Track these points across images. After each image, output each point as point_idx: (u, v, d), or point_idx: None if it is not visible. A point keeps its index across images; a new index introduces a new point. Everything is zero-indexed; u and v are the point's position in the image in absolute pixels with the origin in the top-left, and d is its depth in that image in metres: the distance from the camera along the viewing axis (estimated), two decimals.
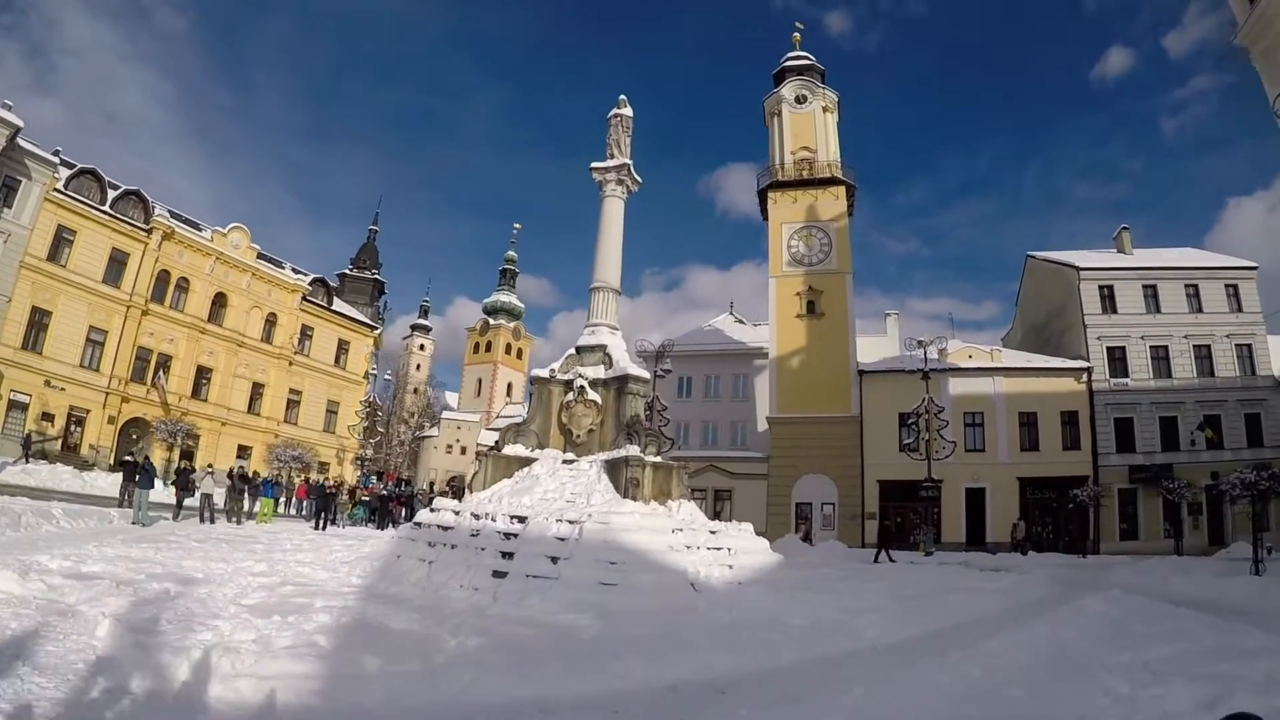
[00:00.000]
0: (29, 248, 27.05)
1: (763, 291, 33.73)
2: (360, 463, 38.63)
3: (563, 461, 12.55)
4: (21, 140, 26.13)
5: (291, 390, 37.08)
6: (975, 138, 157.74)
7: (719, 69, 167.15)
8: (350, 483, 30.63)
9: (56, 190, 27.93)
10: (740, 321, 39.48)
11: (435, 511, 11.75)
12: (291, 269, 38.15)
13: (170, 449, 29.79)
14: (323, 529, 18.94)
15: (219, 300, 34.00)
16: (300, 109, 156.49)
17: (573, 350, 14.11)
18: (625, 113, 15.00)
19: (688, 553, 9.84)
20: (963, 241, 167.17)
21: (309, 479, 27.89)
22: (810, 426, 30.10)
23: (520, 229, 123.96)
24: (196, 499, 17.73)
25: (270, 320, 36.16)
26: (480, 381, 76.64)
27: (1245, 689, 4.43)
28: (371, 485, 28.56)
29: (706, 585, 9.17)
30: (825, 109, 34.58)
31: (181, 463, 24.70)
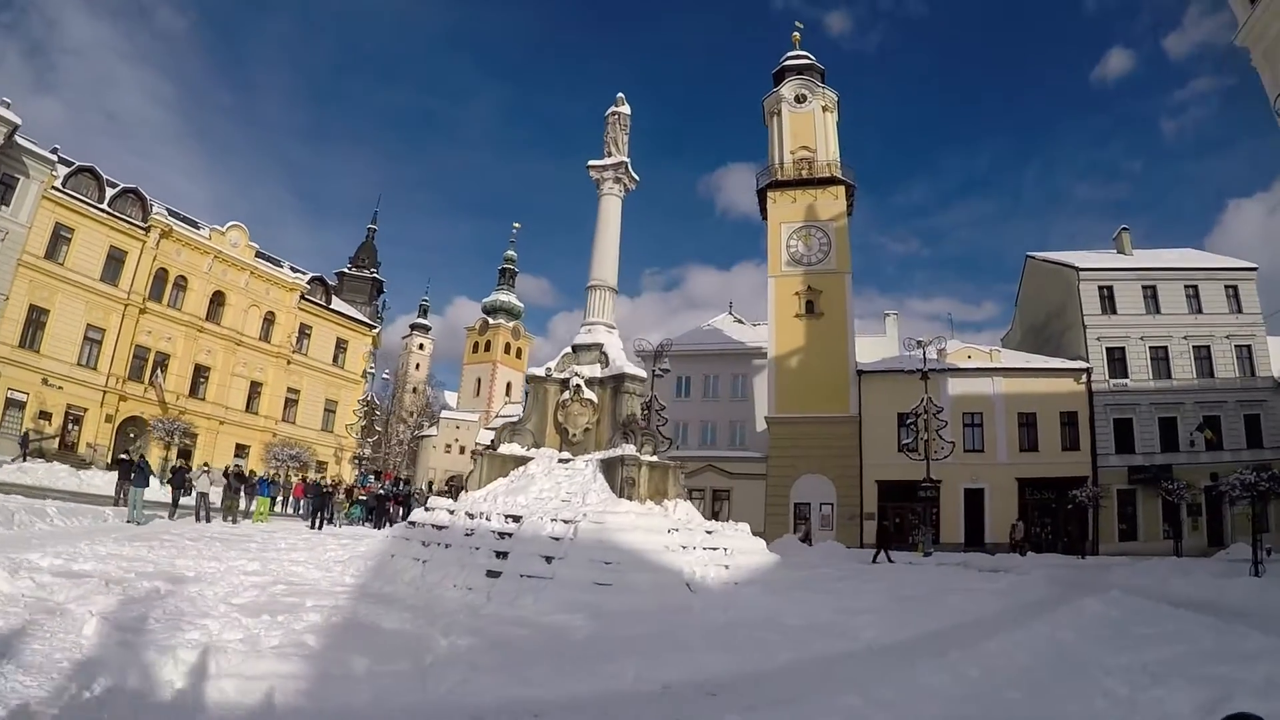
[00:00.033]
0: (27, 245, 27.03)
1: (762, 291, 33.71)
2: (358, 462, 38.58)
3: (558, 460, 12.47)
4: (19, 138, 26.12)
5: (289, 389, 37.08)
6: (975, 138, 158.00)
7: (719, 69, 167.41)
8: (348, 482, 30.57)
9: (54, 188, 27.90)
10: (739, 321, 39.39)
11: (430, 511, 11.71)
12: (290, 268, 38.12)
13: (168, 448, 29.77)
14: (319, 528, 18.88)
15: (217, 299, 33.98)
16: (300, 109, 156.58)
17: (569, 349, 14.03)
18: (623, 110, 14.96)
19: (683, 553, 9.79)
20: (962, 242, 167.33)
21: (306, 478, 27.85)
22: (809, 426, 30.05)
23: (520, 228, 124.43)
24: (193, 498, 17.69)
25: (268, 319, 36.14)
26: (479, 381, 76.72)
27: (1245, 691, 4.39)
28: (369, 484, 28.48)
29: (702, 585, 9.12)
30: (825, 108, 34.52)
31: (177, 461, 24.67)
